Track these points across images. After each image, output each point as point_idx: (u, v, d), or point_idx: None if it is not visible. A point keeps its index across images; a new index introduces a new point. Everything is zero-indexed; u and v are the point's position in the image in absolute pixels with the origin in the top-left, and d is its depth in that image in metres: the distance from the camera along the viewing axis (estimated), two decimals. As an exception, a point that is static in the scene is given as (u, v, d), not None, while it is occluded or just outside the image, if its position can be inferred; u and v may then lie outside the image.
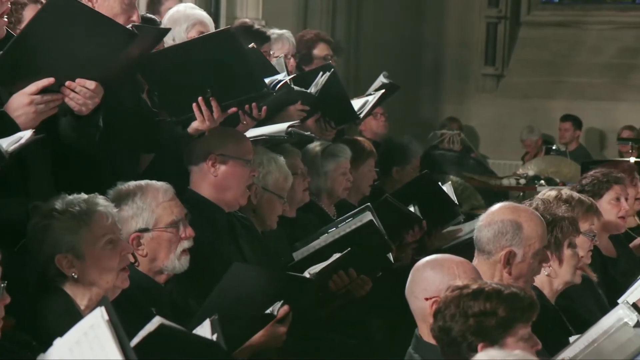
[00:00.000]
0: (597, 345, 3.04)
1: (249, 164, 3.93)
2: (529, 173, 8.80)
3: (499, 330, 2.65)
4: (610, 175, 4.95)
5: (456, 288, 2.72)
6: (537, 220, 3.49)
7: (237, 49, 3.71)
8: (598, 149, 11.54)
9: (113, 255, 3.01)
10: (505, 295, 2.68)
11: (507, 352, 1.96)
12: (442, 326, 2.70)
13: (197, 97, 3.66)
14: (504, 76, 12.14)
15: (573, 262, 3.77)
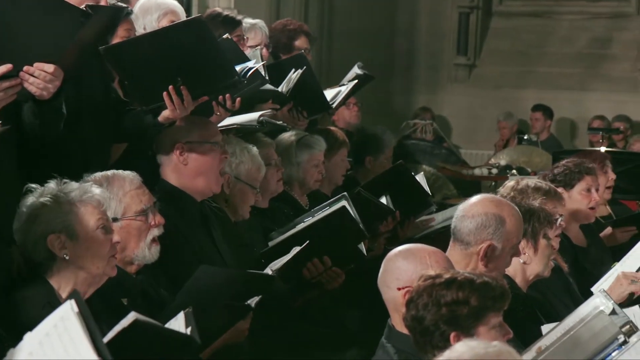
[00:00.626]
0: (573, 334, 3.06)
1: (217, 146, 3.91)
2: (500, 163, 8.84)
3: (471, 319, 2.66)
4: (582, 165, 4.97)
5: (429, 277, 2.72)
6: (518, 216, 3.52)
7: (207, 37, 3.68)
8: (569, 139, 11.62)
9: (105, 240, 3.01)
10: (477, 284, 2.69)
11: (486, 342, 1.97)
12: (414, 315, 2.70)
13: (167, 86, 3.64)
14: (476, 66, 12.19)
15: (547, 252, 3.80)
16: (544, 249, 3.79)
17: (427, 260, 2.97)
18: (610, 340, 2.98)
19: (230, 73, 3.77)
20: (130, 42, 3.81)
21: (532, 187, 4.26)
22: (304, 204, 5.02)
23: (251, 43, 5.40)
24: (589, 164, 5.01)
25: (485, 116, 11.74)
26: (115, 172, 3.37)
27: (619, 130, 9.59)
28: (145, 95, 3.73)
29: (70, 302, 2.34)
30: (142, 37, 3.92)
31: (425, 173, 7.87)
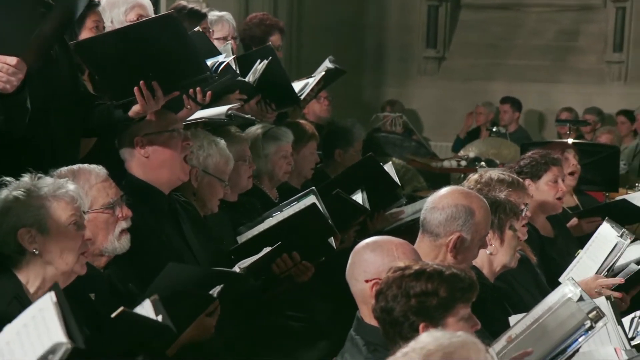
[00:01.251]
0: (542, 321, 3.09)
1: (176, 133, 3.89)
2: (469, 155, 8.88)
3: (440, 310, 2.68)
4: (547, 156, 5.01)
5: (398, 269, 2.73)
6: (486, 208, 3.53)
7: (179, 33, 3.68)
8: (537, 131, 11.70)
9: (76, 236, 3.00)
10: (446, 275, 2.71)
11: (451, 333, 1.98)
12: (384, 306, 2.71)
13: (138, 81, 3.63)
14: (445, 59, 12.23)
15: (513, 242, 3.82)
16: (510, 240, 3.81)
17: (395, 252, 2.98)
18: (578, 326, 3.01)
19: (202, 68, 3.77)
20: (102, 37, 3.80)
21: (496, 180, 4.27)
22: (273, 198, 5.01)
23: (218, 35, 5.39)
24: (554, 155, 5.05)
25: (454, 108, 11.79)
26: (81, 166, 3.36)
27: (586, 122, 9.67)
28: (116, 89, 3.72)
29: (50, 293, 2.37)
30: (113, 32, 3.91)
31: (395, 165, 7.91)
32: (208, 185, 4.18)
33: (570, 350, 3.00)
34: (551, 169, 4.97)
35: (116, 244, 3.32)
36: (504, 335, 3.15)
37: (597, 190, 7.07)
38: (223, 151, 4.22)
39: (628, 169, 9.07)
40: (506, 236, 3.80)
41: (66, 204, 2.99)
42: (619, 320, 3.61)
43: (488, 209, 3.55)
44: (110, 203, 3.32)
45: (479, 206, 3.49)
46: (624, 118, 10.56)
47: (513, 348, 3.05)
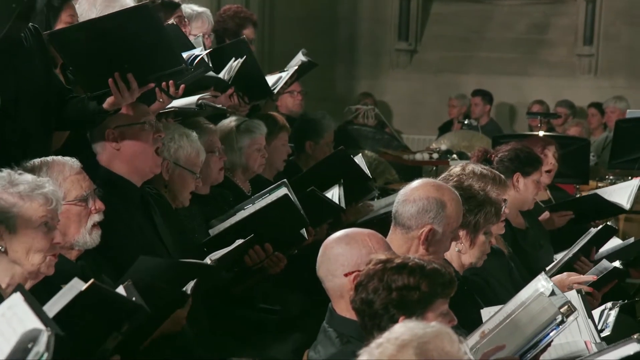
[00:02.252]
0: (515, 316, 3.11)
1: (147, 125, 3.87)
2: (441, 148, 8.92)
3: (421, 304, 2.68)
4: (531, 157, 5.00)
5: (379, 261, 2.73)
6: (458, 200, 3.52)
7: (154, 25, 3.66)
8: (509, 123, 11.77)
9: (45, 238, 2.97)
10: (427, 270, 2.71)
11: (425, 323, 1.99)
12: (364, 298, 2.71)
13: (113, 73, 3.61)
14: (417, 52, 12.26)
15: (483, 248, 3.79)
16: (481, 245, 3.78)
17: (369, 242, 2.97)
18: (550, 320, 3.04)
19: (177, 60, 3.75)
20: (76, 27, 3.77)
21: (478, 174, 4.27)
22: (246, 190, 5.01)
23: (196, 32, 5.37)
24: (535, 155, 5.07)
25: (426, 101, 11.84)
26: (55, 158, 3.34)
27: (557, 115, 9.73)
28: (90, 81, 3.69)
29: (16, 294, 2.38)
30: (87, 22, 3.88)
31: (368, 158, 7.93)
32: (179, 178, 4.17)
33: (542, 344, 3.02)
34: (539, 169, 5.01)
35: (87, 238, 3.30)
36: (477, 330, 3.17)
37: (568, 183, 7.13)
38: (194, 143, 4.21)
39: (597, 161, 9.14)
40: (478, 240, 3.77)
41: (39, 205, 2.96)
42: (589, 314, 3.65)
43: (460, 201, 3.53)
44: (83, 196, 3.30)
45: (450, 199, 3.48)
46: (594, 110, 10.64)
47: (486, 343, 3.07)
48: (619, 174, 7.95)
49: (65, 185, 3.28)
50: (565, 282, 4.10)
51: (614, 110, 10.12)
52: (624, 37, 11.61)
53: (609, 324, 3.90)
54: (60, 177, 3.28)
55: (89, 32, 3.62)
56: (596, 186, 7.63)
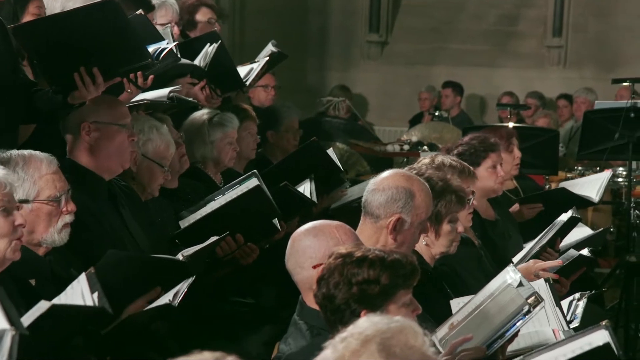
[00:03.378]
0: (483, 308, 3.14)
1: (125, 128, 3.87)
2: (412, 139, 8.94)
3: (382, 297, 2.68)
4: (485, 143, 5.05)
5: (339, 256, 2.73)
6: (427, 191, 3.53)
7: (120, 20, 3.65)
8: (479, 115, 11.83)
9: (5, 223, 2.95)
10: (388, 262, 2.71)
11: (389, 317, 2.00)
12: (325, 293, 2.71)
13: (78, 66, 3.60)
14: (388, 43, 12.28)
15: (450, 237, 3.80)
16: (447, 234, 3.79)
17: (336, 234, 2.98)
18: (517, 311, 3.07)
19: (143, 55, 3.74)
20: (42, 21, 3.74)
21: (448, 165, 4.28)
22: (218, 182, 5.01)
23: (161, 21, 5.35)
24: (491, 141, 5.10)
25: (397, 93, 11.86)
26: (33, 153, 3.30)
27: (526, 106, 9.80)
28: (55, 75, 3.68)
29: None
30: (53, 16, 3.86)
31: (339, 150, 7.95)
32: (147, 170, 4.15)
33: (509, 334, 3.06)
34: (490, 155, 5.02)
35: (56, 237, 3.28)
36: (446, 322, 3.20)
37: (537, 174, 7.19)
38: (164, 136, 4.19)
39: (566, 152, 9.23)
40: (442, 230, 3.78)
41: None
42: (557, 303, 3.69)
43: (429, 192, 3.55)
44: (56, 196, 3.27)
45: (419, 189, 3.50)
46: (564, 102, 10.72)
47: (455, 334, 3.10)
48: (588, 165, 8.03)
49: (40, 183, 3.25)
50: (532, 270, 4.14)
51: (584, 101, 10.20)
52: (592, 28, 11.70)
53: (577, 315, 3.95)
54: (36, 174, 3.26)
55: (53, 27, 3.60)
56: (565, 177, 7.71)
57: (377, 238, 3.45)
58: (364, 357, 1.86)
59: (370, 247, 2.83)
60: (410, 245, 3.54)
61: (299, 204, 4.67)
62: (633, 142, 6.41)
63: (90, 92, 3.63)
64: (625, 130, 6.40)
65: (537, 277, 4.08)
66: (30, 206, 3.23)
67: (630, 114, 6.38)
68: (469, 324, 3.12)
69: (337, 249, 2.79)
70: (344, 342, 1.88)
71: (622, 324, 6.21)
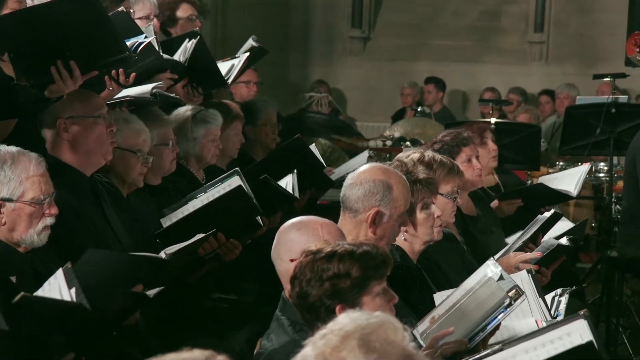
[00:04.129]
0: (464, 301, 3.15)
1: (101, 119, 3.84)
2: (394, 135, 8.95)
3: (355, 290, 2.68)
4: (458, 138, 5.06)
5: (309, 253, 2.73)
6: (405, 184, 3.53)
7: (97, 12, 3.63)
8: (461, 110, 11.86)
9: None
10: (357, 254, 2.71)
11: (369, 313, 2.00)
12: (299, 292, 2.71)
13: (55, 60, 3.58)
14: (370, 39, 12.29)
15: (428, 223, 3.80)
16: (424, 222, 3.79)
17: (320, 231, 2.99)
18: (498, 304, 3.09)
19: (120, 48, 3.72)
20: (16, 15, 3.72)
21: (438, 162, 4.27)
22: (200, 179, 5.00)
23: (139, 15, 5.31)
24: (464, 135, 5.11)
25: (380, 88, 11.88)
26: (23, 152, 3.28)
27: (508, 102, 9.83)
28: (32, 69, 3.66)
29: None
30: (27, 10, 3.84)
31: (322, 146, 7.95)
32: (121, 160, 4.11)
33: (490, 327, 3.07)
34: (463, 150, 5.03)
35: (35, 238, 3.26)
36: (427, 316, 3.21)
37: (519, 169, 7.21)
38: (132, 124, 4.15)
39: (548, 147, 9.26)
40: (418, 220, 3.77)
41: None
42: (540, 294, 3.70)
43: (407, 185, 3.55)
44: (40, 199, 3.26)
45: (397, 182, 3.49)
46: (547, 98, 10.75)
47: (436, 328, 3.11)
48: (569, 160, 8.07)
49: (26, 184, 3.23)
50: (512, 262, 4.16)
51: (566, 96, 10.24)
52: (574, 24, 11.75)
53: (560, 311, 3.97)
54: (23, 174, 3.24)
55: (28, 20, 3.58)
56: (547, 172, 7.72)
57: (357, 232, 3.45)
58: (344, 353, 1.86)
59: (340, 242, 2.82)
60: (391, 239, 3.54)
61: (280, 199, 4.66)
62: (614, 137, 6.44)
63: (68, 85, 3.61)
64: (606, 126, 6.43)
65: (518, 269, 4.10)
66: (13, 205, 3.22)
67: (612, 110, 6.41)
68: (450, 317, 3.13)
69: (307, 246, 2.79)
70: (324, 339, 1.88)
71: (603, 319, 6.24)
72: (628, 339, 6.22)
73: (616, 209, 6.97)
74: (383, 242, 3.42)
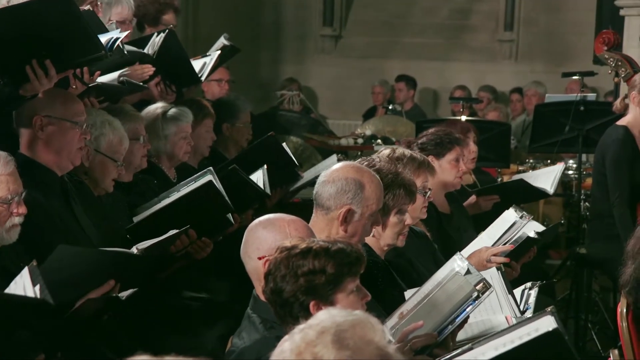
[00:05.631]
0: (432, 296, 3.17)
1: (77, 125, 3.83)
2: (366, 132, 8.98)
3: (329, 287, 2.70)
4: (451, 136, 5.10)
5: (285, 249, 2.73)
6: (377, 183, 3.53)
7: (71, 12, 3.61)
8: (432, 108, 11.90)
9: None
10: (332, 251, 2.72)
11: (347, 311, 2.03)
12: (273, 288, 2.72)
13: (30, 59, 3.56)
14: (342, 37, 12.31)
15: (397, 229, 3.79)
16: (394, 226, 3.78)
17: (287, 229, 2.99)
18: (466, 298, 3.11)
19: (97, 47, 3.71)
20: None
21: (409, 157, 4.26)
22: (172, 177, 5.00)
23: (116, 18, 5.30)
24: (457, 135, 5.15)
25: (351, 86, 11.90)
26: None
27: (478, 99, 9.88)
28: (5, 68, 3.64)
29: None
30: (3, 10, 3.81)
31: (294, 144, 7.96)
32: (100, 165, 4.12)
33: (459, 320, 3.10)
34: (455, 148, 5.05)
35: (4, 235, 3.24)
36: (396, 311, 3.23)
37: (490, 167, 7.26)
38: (117, 131, 4.16)
39: (518, 145, 9.32)
40: (389, 222, 3.77)
41: None
42: (509, 290, 3.73)
43: (380, 184, 3.55)
44: (7, 198, 3.22)
45: (369, 181, 3.49)
46: (518, 96, 10.81)
47: (405, 324, 3.13)
48: (539, 157, 8.13)
49: None
50: (483, 256, 4.19)
51: (534, 93, 10.31)
52: (543, 22, 11.83)
53: (530, 305, 4.00)
54: None
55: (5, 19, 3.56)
56: (517, 170, 7.79)
57: (329, 230, 3.45)
58: (317, 349, 1.87)
59: (314, 239, 2.83)
60: (362, 237, 3.54)
61: (250, 193, 4.67)
62: (583, 135, 6.49)
63: (43, 84, 3.60)
64: (575, 123, 6.49)
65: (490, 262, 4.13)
66: None
67: (580, 107, 6.46)
68: (418, 312, 3.15)
69: (282, 242, 2.79)
70: (302, 333, 1.90)
71: (572, 315, 6.30)
72: (597, 334, 6.28)
73: (585, 206, 7.04)
74: (354, 239, 3.42)
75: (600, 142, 5.81)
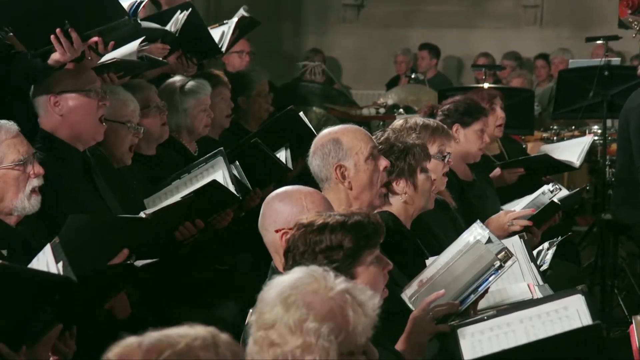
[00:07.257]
0: (453, 264, 3.16)
1: (92, 93, 3.82)
2: (388, 102, 8.93)
3: (348, 261, 2.68)
4: (479, 106, 5.06)
5: (301, 226, 2.72)
6: (354, 130, 3.55)
7: None
8: (456, 76, 11.81)
9: None
10: (349, 225, 2.70)
11: None
12: (293, 265, 2.68)
13: (54, 29, 3.56)
14: (364, 6, 12.23)
15: (427, 186, 3.81)
16: (424, 184, 3.80)
17: (303, 201, 2.99)
18: (488, 266, 3.10)
19: (120, 12, 3.70)
20: None
21: (421, 125, 4.27)
22: (192, 151, 4.99)
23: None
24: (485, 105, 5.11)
25: (374, 56, 11.83)
26: None
27: (501, 67, 9.79)
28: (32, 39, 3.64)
29: None
30: None
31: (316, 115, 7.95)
32: (111, 132, 4.08)
33: (481, 289, 3.09)
34: (482, 118, 5.03)
35: (26, 203, 3.26)
36: (415, 279, 3.22)
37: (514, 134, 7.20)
38: (119, 95, 4.14)
39: (541, 111, 9.25)
40: (419, 181, 3.78)
41: None
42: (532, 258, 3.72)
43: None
44: (20, 160, 3.24)
45: (342, 133, 3.51)
46: (542, 62, 10.71)
47: (425, 292, 3.12)
48: (563, 124, 8.06)
49: (2, 149, 3.22)
50: (504, 220, 4.17)
51: (561, 61, 10.20)
52: (568, -13, 11.69)
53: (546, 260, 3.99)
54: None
55: None
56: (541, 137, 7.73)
57: (339, 198, 3.45)
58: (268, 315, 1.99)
59: (331, 212, 2.82)
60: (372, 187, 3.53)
61: (273, 168, 4.65)
62: (607, 100, 6.43)
63: (71, 53, 3.60)
64: (599, 89, 6.42)
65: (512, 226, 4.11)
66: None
67: (604, 72, 6.40)
68: (439, 280, 3.14)
69: (299, 219, 2.78)
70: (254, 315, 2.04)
71: (598, 281, 6.27)
72: (623, 300, 6.26)
73: (610, 171, 6.98)
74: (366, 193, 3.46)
75: (624, 107, 5.75)
